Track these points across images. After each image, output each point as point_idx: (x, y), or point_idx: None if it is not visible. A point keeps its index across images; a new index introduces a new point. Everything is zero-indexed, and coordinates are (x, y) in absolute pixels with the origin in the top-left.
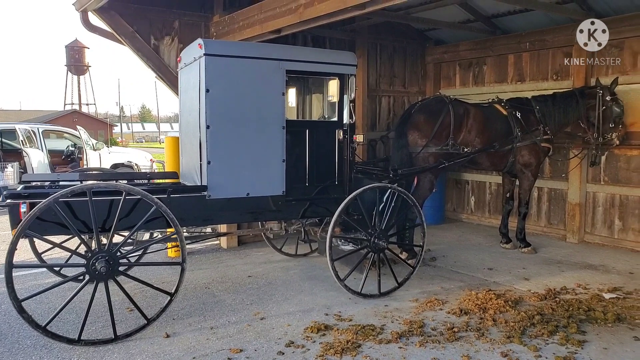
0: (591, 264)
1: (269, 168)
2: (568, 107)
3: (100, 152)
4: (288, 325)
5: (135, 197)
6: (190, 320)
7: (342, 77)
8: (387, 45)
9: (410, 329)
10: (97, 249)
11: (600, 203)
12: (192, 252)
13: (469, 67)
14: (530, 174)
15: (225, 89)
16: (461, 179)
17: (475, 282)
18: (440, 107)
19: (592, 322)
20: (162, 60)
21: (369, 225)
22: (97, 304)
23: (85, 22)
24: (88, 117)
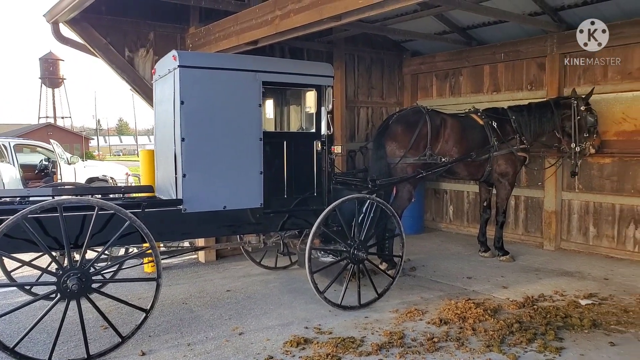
0: (568, 270)
1: (246, 180)
2: (543, 117)
3: (75, 166)
4: (267, 339)
5: (108, 212)
6: (166, 337)
7: (319, 88)
8: (365, 57)
9: (391, 340)
10: (69, 266)
11: (575, 210)
12: (169, 266)
13: (446, 78)
14: (507, 182)
15: (200, 101)
16: (439, 188)
17: (454, 291)
18: (417, 117)
19: (569, 328)
20: (137, 72)
21: (349, 236)
22: (69, 323)
23: (56, 33)
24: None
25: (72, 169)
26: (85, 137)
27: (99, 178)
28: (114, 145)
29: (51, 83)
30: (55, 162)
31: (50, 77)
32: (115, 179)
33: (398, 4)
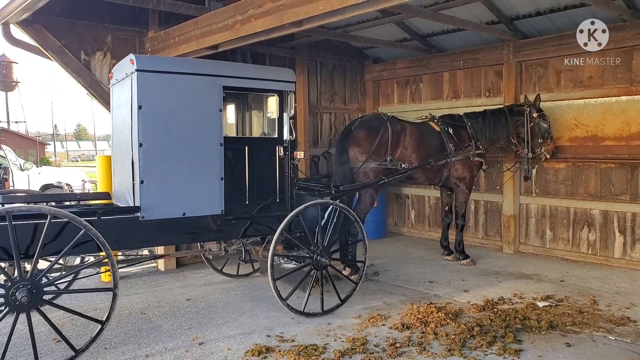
0: (526, 273)
1: (206, 186)
2: (497, 123)
3: (28, 172)
4: (228, 349)
5: (62, 220)
6: (123, 349)
7: (281, 93)
8: (327, 63)
9: (353, 346)
10: (19, 277)
11: (532, 214)
12: (127, 275)
13: (407, 85)
14: (464, 187)
15: (158, 106)
16: (401, 193)
17: (416, 296)
18: (379, 124)
19: (527, 330)
20: (94, 76)
21: (312, 242)
22: (19, 337)
23: (7, 35)
24: (17, 136)
25: (25, 175)
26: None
27: (54, 185)
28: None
29: (4, 86)
30: (7, 169)
31: (4, 81)
32: (71, 185)
33: (358, 10)
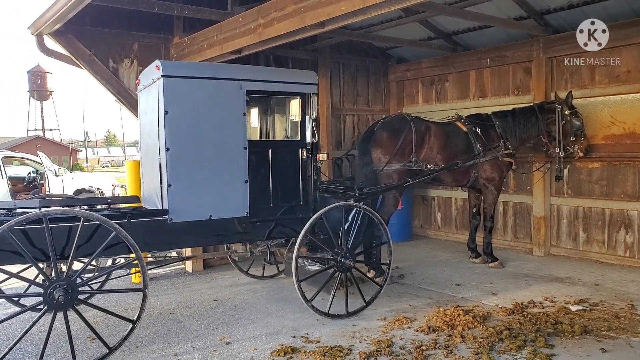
0: (557, 276)
1: (231, 189)
2: (528, 122)
3: (62, 177)
4: (254, 349)
5: (94, 222)
6: (154, 348)
7: (304, 96)
8: (350, 64)
9: (379, 348)
10: (55, 277)
11: (564, 216)
12: (157, 277)
13: (432, 84)
14: (493, 188)
15: (184, 111)
16: (427, 195)
17: (443, 299)
18: (402, 124)
19: (559, 335)
20: (122, 83)
21: (335, 244)
22: (57, 334)
23: (41, 46)
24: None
25: (59, 180)
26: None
27: (86, 189)
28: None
29: (39, 96)
30: (43, 174)
31: (39, 90)
32: (102, 190)
33: (380, 9)
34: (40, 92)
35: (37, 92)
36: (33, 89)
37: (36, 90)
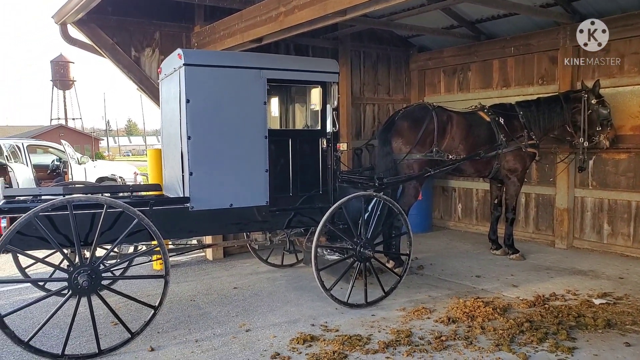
0: (580, 269)
1: (252, 178)
2: (552, 112)
3: (85, 166)
4: (274, 336)
5: (117, 210)
6: (175, 333)
7: (325, 85)
8: (371, 53)
9: (398, 338)
10: (79, 263)
11: (588, 208)
12: (177, 264)
13: (454, 74)
14: (516, 179)
15: (205, 99)
16: (448, 186)
17: (463, 290)
18: (423, 114)
19: (582, 328)
20: (144, 72)
21: (355, 234)
22: (81, 318)
23: (64, 34)
24: (74, 132)
25: (82, 168)
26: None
27: (108, 177)
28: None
29: (62, 85)
30: (66, 162)
31: (61, 80)
32: (124, 178)
33: None
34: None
35: (60, 81)
36: (56, 78)
37: (59, 80)
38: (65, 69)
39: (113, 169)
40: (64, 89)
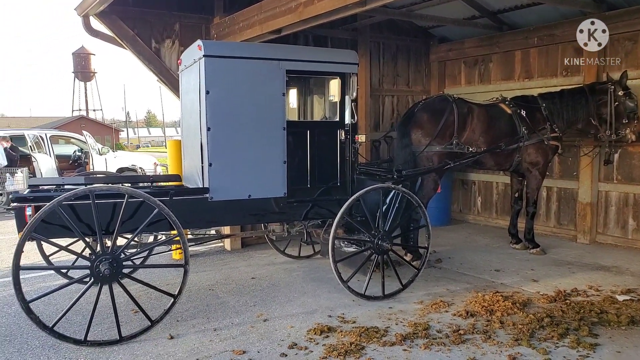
0: (603, 265)
1: (270, 170)
2: (577, 104)
3: (105, 156)
4: (291, 326)
5: (137, 199)
6: (194, 322)
7: (344, 76)
8: (390, 44)
9: (415, 331)
10: (101, 251)
11: (613, 202)
12: (196, 254)
13: (475, 65)
14: (537, 172)
15: (225, 91)
16: (467, 179)
17: (481, 284)
18: (444, 105)
19: (604, 324)
20: (164, 63)
21: (373, 226)
22: (103, 306)
23: (87, 26)
24: (95, 123)
25: (103, 159)
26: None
27: (129, 168)
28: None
29: (83, 77)
30: (87, 153)
31: (83, 71)
32: (144, 168)
33: None
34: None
35: (82, 73)
36: (77, 70)
37: (80, 72)
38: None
39: (133, 160)
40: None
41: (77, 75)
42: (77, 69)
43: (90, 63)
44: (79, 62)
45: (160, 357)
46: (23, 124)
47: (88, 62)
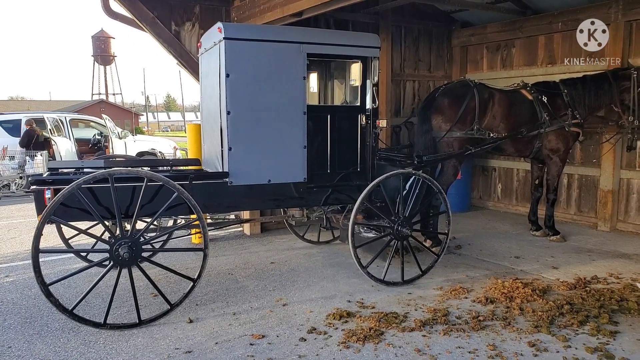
0: (624, 252)
1: (290, 154)
2: (599, 90)
3: (125, 140)
4: (310, 311)
5: (157, 183)
6: (213, 306)
7: (365, 60)
8: (412, 28)
9: (434, 317)
10: (120, 235)
11: (635, 190)
12: (215, 238)
13: (497, 50)
14: (558, 159)
15: (245, 74)
16: (487, 165)
17: (501, 271)
18: (465, 91)
19: (625, 312)
20: (183, 46)
21: (392, 212)
22: (122, 289)
23: (106, 8)
24: (114, 107)
25: (122, 143)
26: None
27: (148, 152)
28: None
29: (103, 60)
30: (107, 137)
31: (102, 55)
32: (163, 153)
33: None
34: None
35: (101, 56)
36: (97, 53)
37: (100, 55)
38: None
39: (153, 144)
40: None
41: (97, 58)
42: (97, 52)
43: (110, 46)
44: (98, 45)
45: (179, 340)
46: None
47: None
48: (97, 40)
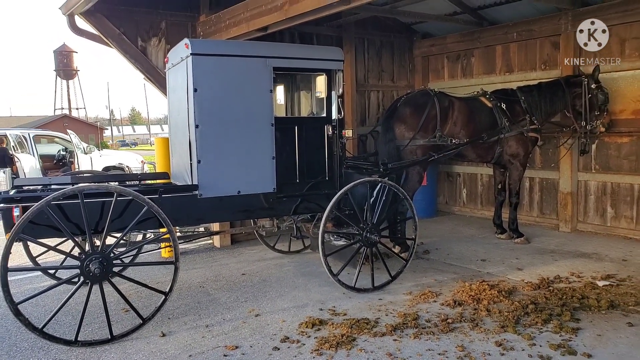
0: (584, 252)
1: (259, 165)
2: (554, 96)
3: (91, 155)
4: (283, 321)
5: (126, 198)
6: (185, 319)
7: (330, 72)
8: (375, 40)
9: (405, 321)
10: (91, 250)
11: (592, 191)
12: (185, 251)
13: (457, 60)
14: (518, 164)
15: (212, 88)
16: (452, 171)
17: (468, 274)
18: (425, 99)
19: (586, 309)
20: (150, 61)
21: (361, 219)
22: (93, 305)
23: (72, 25)
24: (78, 121)
25: (88, 158)
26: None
27: (115, 166)
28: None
29: (65, 75)
30: (72, 152)
31: (65, 69)
32: (130, 167)
33: None
34: (67, 71)
35: (63, 71)
36: (59, 67)
37: (62, 69)
38: (68, 59)
39: (119, 158)
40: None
41: (59, 73)
42: (59, 66)
43: (72, 61)
44: (60, 60)
45: (152, 354)
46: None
47: (70, 60)
48: (59, 54)
